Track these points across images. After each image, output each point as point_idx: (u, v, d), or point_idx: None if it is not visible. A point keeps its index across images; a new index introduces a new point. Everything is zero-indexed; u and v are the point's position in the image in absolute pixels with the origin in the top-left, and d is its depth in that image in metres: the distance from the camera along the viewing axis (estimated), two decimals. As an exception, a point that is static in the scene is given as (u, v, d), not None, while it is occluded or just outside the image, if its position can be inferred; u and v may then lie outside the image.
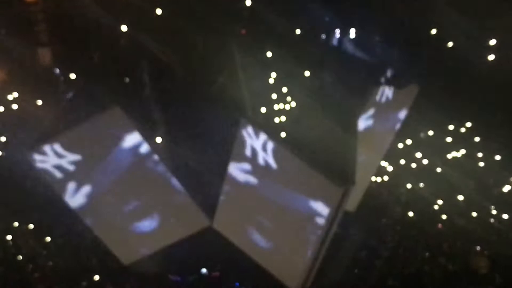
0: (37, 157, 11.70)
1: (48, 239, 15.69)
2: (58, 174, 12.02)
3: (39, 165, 11.85)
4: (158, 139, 14.87)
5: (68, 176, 12.15)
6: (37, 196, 16.29)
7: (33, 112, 16.83)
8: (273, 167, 11.51)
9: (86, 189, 12.47)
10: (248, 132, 11.37)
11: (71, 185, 12.38)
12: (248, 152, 11.56)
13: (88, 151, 11.93)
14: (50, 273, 14.78)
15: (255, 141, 11.34)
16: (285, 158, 11.21)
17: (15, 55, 18.04)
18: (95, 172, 12.22)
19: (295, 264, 12.41)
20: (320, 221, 11.38)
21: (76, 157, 11.91)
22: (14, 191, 16.48)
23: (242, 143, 11.53)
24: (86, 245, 15.31)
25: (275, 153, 11.29)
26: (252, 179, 11.95)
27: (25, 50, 18.23)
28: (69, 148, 11.73)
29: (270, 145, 11.30)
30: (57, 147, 11.64)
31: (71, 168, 11.99)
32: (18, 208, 16.30)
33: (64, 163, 11.86)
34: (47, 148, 11.62)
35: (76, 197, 12.57)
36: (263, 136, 11.28)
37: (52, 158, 11.78)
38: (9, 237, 15.55)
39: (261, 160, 11.50)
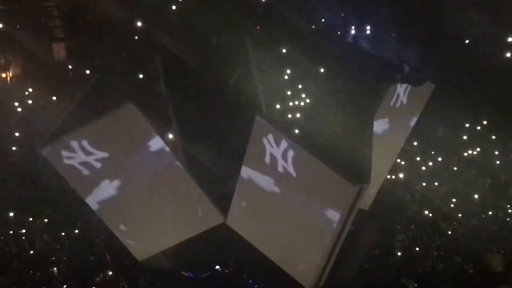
0: (56, 153, 11.72)
1: (63, 234, 15.76)
2: (73, 171, 12.02)
3: (58, 161, 11.89)
4: (173, 136, 14.88)
5: (88, 173, 12.16)
6: (52, 191, 16.38)
7: (48, 108, 16.93)
8: (288, 164, 11.45)
9: (106, 186, 12.46)
10: (261, 129, 11.33)
11: (89, 182, 12.39)
12: (262, 152, 11.50)
13: (107, 147, 11.93)
14: (64, 269, 14.83)
15: (271, 144, 11.29)
16: (299, 156, 11.14)
17: (29, 50, 18.13)
18: (113, 169, 12.21)
19: (309, 262, 12.35)
20: (334, 219, 11.31)
21: (98, 153, 11.93)
22: (28, 186, 16.60)
23: (257, 142, 11.47)
24: (101, 241, 15.37)
25: (289, 151, 11.22)
26: (266, 179, 11.89)
27: (39, 45, 18.31)
28: (83, 144, 11.73)
29: (284, 143, 11.23)
30: (55, 150, 11.68)
31: (89, 165, 11.99)
32: (33, 203, 16.41)
33: (82, 159, 11.87)
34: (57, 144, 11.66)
35: (94, 194, 12.57)
36: (276, 133, 11.23)
37: (66, 153, 11.79)
38: (23, 232, 15.64)
39: (276, 161, 11.44)
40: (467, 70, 16.66)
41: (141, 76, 16.08)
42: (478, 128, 17.86)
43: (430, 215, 15.97)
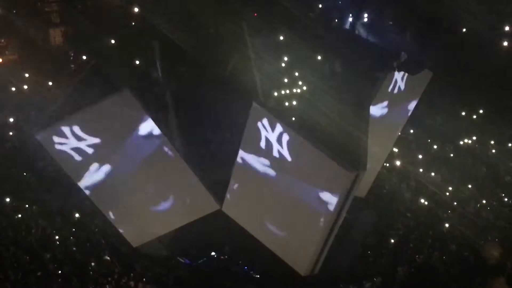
0: (49, 138, 11.70)
1: (59, 219, 15.76)
2: (66, 156, 12.01)
3: (51, 146, 11.87)
4: (169, 122, 14.87)
5: (80, 158, 12.14)
6: (48, 177, 16.37)
7: (44, 93, 16.88)
8: (283, 148, 11.45)
9: (98, 171, 12.44)
10: (257, 115, 11.32)
11: (82, 168, 12.36)
12: (258, 137, 11.49)
13: (99, 133, 11.91)
14: (60, 254, 14.84)
15: (266, 128, 11.28)
16: (296, 143, 11.14)
17: (27, 36, 18.05)
18: (105, 154, 12.18)
19: (304, 249, 12.38)
20: (330, 206, 11.33)
21: (89, 139, 11.91)
22: (25, 171, 16.58)
23: (253, 127, 11.46)
24: (97, 227, 15.38)
25: (284, 135, 11.22)
26: (262, 163, 11.89)
27: (37, 31, 18.23)
28: (75, 130, 11.72)
29: (279, 128, 11.22)
30: (51, 135, 11.66)
31: (81, 150, 11.97)
32: (29, 188, 16.40)
33: (74, 145, 11.84)
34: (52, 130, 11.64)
35: (87, 179, 12.56)
36: (271, 118, 11.21)
37: (57, 139, 11.78)
38: (19, 217, 15.62)
39: (271, 146, 11.43)
40: (464, 59, 16.67)
41: (137, 62, 16.05)
42: (474, 117, 17.88)
43: (426, 203, 15.98)
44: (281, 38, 17.03)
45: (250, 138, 11.72)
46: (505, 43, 16.11)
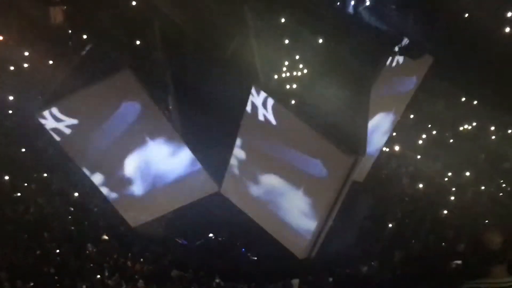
0: (48, 117, 11.69)
1: (57, 199, 15.80)
2: (65, 135, 11.99)
3: (50, 125, 11.86)
4: (168, 103, 14.83)
5: (78, 137, 12.13)
6: (47, 156, 16.40)
7: (43, 72, 16.83)
8: (284, 134, 11.47)
9: (94, 150, 12.44)
10: (258, 99, 11.31)
11: (80, 146, 12.36)
12: (258, 118, 11.49)
13: (98, 113, 11.90)
14: (59, 233, 14.91)
15: (266, 107, 11.28)
16: (296, 125, 11.14)
17: (26, 14, 17.94)
18: (102, 134, 12.16)
19: (302, 232, 12.42)
20: (328, 190, 11.36)
21: (89, 119, 11.90)
22: (24, 150, 16.59)
23: (253, 109, 11.46)
24: (95, 206, 15.43)
25: (287, 122, 11.23)
26: (262, 146, 11.90)
27: (36, 9, 18.11)
28: (76, 111, 11.70)
29: (281, 112, 11.24)
30: (56, 111, 11.62)
31: (80, 129, 11.97)
32: (28, 167, 16.43)
33: (64, 125, 11.82)
34: (48, 112, 11.61)
35: (87, 159, 12.57)
36: (273, 103, 11.22)
37: (51, 122, 11.76)
38: (18, 196, 15.67)
39: (272, 127, 11.43)
40: (465, 44, 16.57)
41: (138, 42, 15.96)
42: (475, 102, 17.82)
43: (424, 188, 16.00)
44: (283, 20, 16.91)
45: (250, 122, 11.72)
46: (508, 29, 16.00)
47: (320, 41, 16.17)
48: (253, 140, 12.10)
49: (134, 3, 16.42)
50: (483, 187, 16.11)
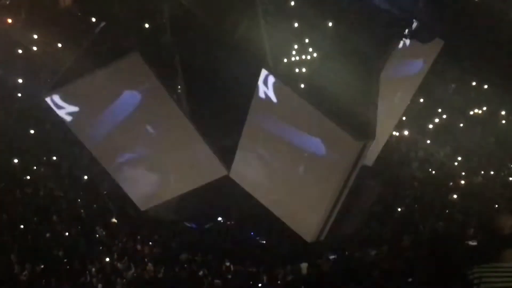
0: (57, 100, 11.72)
1: (67, 181, 15.85)
2: (75, 118, 12.01)
3: (59, 108, 11.88)
4: (177, 87, 14.78)
5: (88, 119, 12.17)
6: (56, 139, 16.41)
7: (52, 55, 16.80)
8: (293, 117, 11.44)
9: (104, 133, 12.45)
10: (267, 83, 11.29)
11: (90, 130, 12.38)
12: (268, 101, 11.45)
13: (107, 96, 11.90)
14: (68, 215, 14.97)
15: (275, 91, 11.25)
16: (307, 111, 11.10)
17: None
18: (112, 117, 12.17)
19: (310, 215, 12.41)
20: (337, 174, 11.33)
21: (98, 102, 11.90)
22: (33, 133, 16.60)
23: (263, 93, 11.43)
24: (105, 189, 15.45)
25: (296, 105, 11.20)
26: (271, 129, 11.87)
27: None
28: (86, 94, 11.72)
29: (291, 96, 11.22)
30: (65, 94, 11.64)
31: (89, 112, 11.99)
32: (38, 150, 16.46)
33: (73, 108, 11.84)
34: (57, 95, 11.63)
35: (93, 141, 12.58)
36: (283, 87, 11.20)
37: (60, 105, 11.80)
38: (28, 178, 15.72)
39: (281, 110, 11.41)
40: (476, 28, 16.43)
41: (146, 25, 15.87)
42: (485, 87, 17.69)
43: (434, 172, 15.95)
44: (292, 3, 16.80)
45: (258, 99, 11.69)
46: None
47: (330, 24, 16.06)
48: (262, 124, 12.05)
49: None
50: (492, 172, 16.04)
